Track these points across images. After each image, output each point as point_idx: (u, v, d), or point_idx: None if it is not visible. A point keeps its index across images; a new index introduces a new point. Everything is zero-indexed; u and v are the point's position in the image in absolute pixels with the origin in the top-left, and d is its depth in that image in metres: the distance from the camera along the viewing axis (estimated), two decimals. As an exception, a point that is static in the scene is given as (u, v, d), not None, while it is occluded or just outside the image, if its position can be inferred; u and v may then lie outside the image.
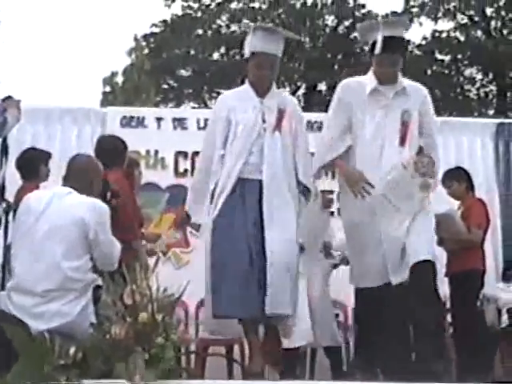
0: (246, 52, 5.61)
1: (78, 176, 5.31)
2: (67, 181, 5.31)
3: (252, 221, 5.34)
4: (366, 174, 5.53)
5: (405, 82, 5.70)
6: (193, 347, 6.86)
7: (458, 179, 7.74)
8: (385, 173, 5.53)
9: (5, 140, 5.55)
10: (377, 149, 5.56)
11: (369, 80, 5.67)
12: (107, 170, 5.69)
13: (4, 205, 5.61)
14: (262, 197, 5.36)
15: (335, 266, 8.04)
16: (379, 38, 5.50)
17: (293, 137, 5.56)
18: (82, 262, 5.05)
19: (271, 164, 5.42)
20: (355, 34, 23.81)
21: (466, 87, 23.92)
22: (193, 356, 7.01)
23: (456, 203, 7.74)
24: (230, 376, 7.32)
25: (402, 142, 5.56)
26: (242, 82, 5.72)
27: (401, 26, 5.78)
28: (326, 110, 5.92)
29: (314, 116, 9.51)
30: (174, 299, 5.18)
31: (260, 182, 5.40)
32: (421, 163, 5.50)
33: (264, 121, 5.49)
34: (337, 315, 8.28)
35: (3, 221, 5.60)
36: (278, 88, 5.86)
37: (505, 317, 8.31)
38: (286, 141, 5.52)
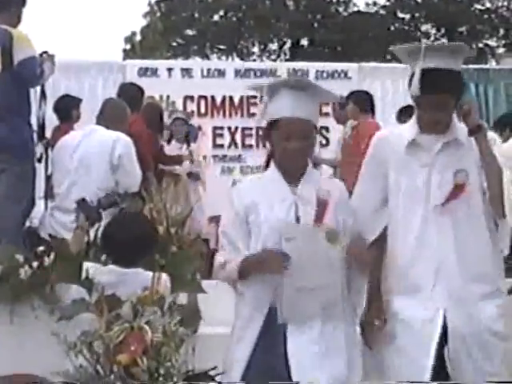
0: (267, 119, 3.18)
1: (109, 116, 5.34)
2: (100, 119, 5.35)
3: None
4: (402, 259, 3.17)
5: (459, 130, 3.18)
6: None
7: (411, 115, 7.66)
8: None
9: (43, 87, 5.51)
10: (416, 224, 3.14)
11: (409, 128, 3.30)
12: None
13: (44, 141, 5.59)
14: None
15: None
16: (417, 71, 3.09)
17: None
18: (109, 185, 5.07)
19: None
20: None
21: (423, 40, 23.84)
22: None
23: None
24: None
25: None
26: (237, 41, 4.93)
27: (452, 52, 3.18)
28: (307, 61, 5.57)
29: (298, 65, 9.72)
30: (185, 216, 5.20)
31: None
32: None
33: (298, 219, 3.08)
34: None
35: (44, 155, 5.58)
36: (265, 46, 4.15)
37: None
38: None
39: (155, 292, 3.19)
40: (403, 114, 7.69)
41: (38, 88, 5.46)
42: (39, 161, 5.45)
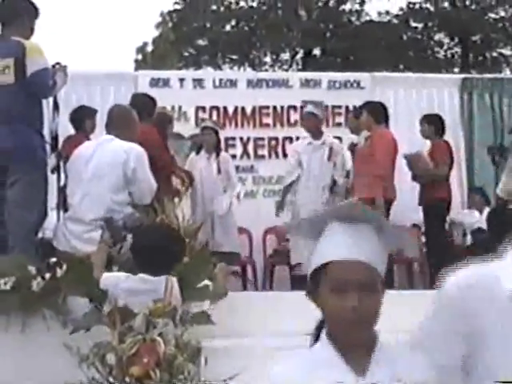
0: (310, 267, 2.03)
1: (117, 122, 5.34)
2: (109, 127, 5.35)
3: None
4: None
5: None
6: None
7: (429, 122, 7.78)
8: None
9: (55, 98, 5.54)
10: None
11: (504, 267, 1.94)
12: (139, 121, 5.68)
13: (56, 152, 5.61)
14: None
15: None
16: None
17: None
18: (122, 196, 5.07)
19: None
20: (343, 6, 23.66)
21: (436, 50, 23.76)
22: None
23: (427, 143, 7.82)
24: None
25: None
26: (249, 51, 4.51)
27: None
28: (319, 70, 5.50)
29: (311, 75, 9.69)
30: (197, 227, 5.20)
31: None
32: None
33: None
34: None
35: (56, 166, 5.60)
36: (277, 56, 3.81)
37: (468, 237, 8.33)
38: None
39: (168, 303, 3.20)
40: (422, 120, 7.79)
41: (51, 99, 5.50)
42: (52, 172, 5.48)
